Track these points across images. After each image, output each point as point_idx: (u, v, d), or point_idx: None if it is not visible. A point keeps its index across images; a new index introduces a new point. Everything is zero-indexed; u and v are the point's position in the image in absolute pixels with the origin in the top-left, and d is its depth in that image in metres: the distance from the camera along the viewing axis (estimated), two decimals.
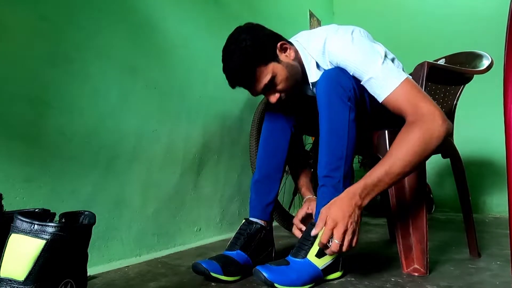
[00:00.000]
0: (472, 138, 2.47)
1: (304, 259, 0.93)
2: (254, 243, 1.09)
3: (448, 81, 1.32)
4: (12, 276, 0.52)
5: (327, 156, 0.98)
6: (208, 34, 1.69)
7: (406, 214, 1.06)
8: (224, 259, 1.01)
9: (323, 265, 0.93)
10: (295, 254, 0.95)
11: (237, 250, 1.05)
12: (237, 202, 1.84)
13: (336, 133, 0.97)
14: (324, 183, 0.98)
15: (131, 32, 1.31)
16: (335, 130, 0.97)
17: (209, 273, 0.94)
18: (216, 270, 0.95)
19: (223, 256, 1.03)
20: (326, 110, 0.99)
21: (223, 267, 0.97)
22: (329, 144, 0.98)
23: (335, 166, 0.96)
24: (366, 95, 1.02)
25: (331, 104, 0.98)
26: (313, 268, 0.92)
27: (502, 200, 2.44)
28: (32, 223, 0.54)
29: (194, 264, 0.97)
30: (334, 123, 0.97)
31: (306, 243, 0.95)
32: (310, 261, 0.92)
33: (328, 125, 0.98)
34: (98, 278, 1.02)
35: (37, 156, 1.01)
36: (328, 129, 0.98)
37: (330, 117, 0.98)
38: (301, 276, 0.89)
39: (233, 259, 1.02)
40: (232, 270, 0.98)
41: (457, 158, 1.28)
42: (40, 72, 1.03)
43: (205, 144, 1.64)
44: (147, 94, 1.36)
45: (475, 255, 1.22)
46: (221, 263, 0.98)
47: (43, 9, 1.04)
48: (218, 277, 0.95)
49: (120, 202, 1.23)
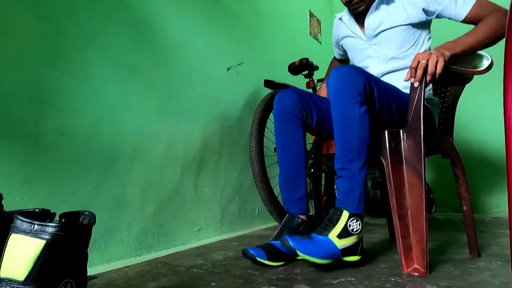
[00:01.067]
0: (472, 138, 2.47)
1: (326, 237, 1.04)
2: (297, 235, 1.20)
3: (449, 81, 1.33)
4: (12, 276, 0.52)
5: (341, 149, 1.08)
6: (208, 34, 1.69)
7: (406, 214, 1.06)
8: (269, 247, 1.14)
9: (342, 245, 1.03)
10: (319, 232, 1.06)
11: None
12: (237, 202, 1.84)
13: (347, 126, 1.06)
14: (340, 175, 1.08)
15: (131, 32, 1.31)
16: (346, 124, 1.06)
17: (255, 258, 1.10)
18: (262, 256, 1.10)
19: (268, 244, 1.16)
20: (337, 105, 1.08)
21: (267, 253, 1.11)
22: (342, 138, 1.07)
23: (349, 158, 1.06)
24: (375, 93, 1.11)
25: (341, 99, 1.07)
26: (332, 246, 1.03)
27: (502, 200, 2.44)
28: (32, 223, 0.54)
29: (244, 250, 1.14)
30: (345, 117, 1.06)
31: (329, 224, 1.06)
32: (330, 240, 1.03)
33: (339, 119, 1.08)
34: (98, 278, 1.02)
35: (37, 156, 1.01)
36: (340, 124, 1.08)
37: (341, 112, 1.07)
38: (320, 250, 1.00)
39: (277, 247, 1.14)
40: (275, 257, 1.12)
41: (458, 158, 1.28)
42: (40, 72, 1.03)
43: (205, 144, 1.64)
44: (147, 94, 1.36)
45: (475, 255, 1.23)
46: (266, 250, 1.12)
47: (43, 9, 1.04)
48: (263, 262, 1.10)
49: (120, 202, 1.23)
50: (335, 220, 1.05)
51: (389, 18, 1.28)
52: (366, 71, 1.14)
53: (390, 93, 1.18)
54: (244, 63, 1.91)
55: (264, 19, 2.19)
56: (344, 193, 1.07)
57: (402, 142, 1.11)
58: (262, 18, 2.17)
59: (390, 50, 1.30)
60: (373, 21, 1.30)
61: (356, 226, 1.06)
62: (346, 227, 1.04)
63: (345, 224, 1.04)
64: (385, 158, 1.11)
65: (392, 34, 1.28)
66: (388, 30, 1.28)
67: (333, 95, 1.09)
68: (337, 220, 1.05)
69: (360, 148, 1.05)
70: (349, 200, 1.06)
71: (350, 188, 1.06)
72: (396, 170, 1.09)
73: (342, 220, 1.04)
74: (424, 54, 1.08)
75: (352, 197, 1.06)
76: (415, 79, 1.08)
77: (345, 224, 1.04)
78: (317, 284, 0.94)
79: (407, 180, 1.07)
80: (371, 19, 1.31)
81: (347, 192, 1.07)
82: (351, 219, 1.05)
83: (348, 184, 1.06)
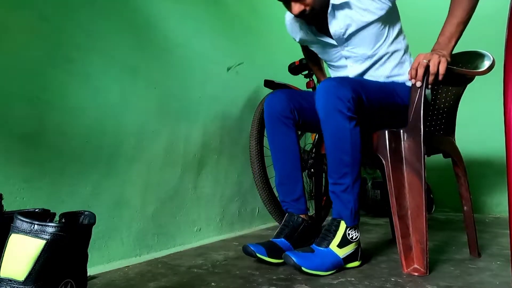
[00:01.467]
0: (472, 138, 2.47)
1: (327, 248, 1.06)
2: (297, 234, 1.22)
3: (450, 81, 1.32)
4: (12, 276, 0.52)
5: (333, 165, 1.09)
6: (208, 34, 1.69)
7: (406, 214, 1.06)
8: (269, 244, 1.15)
9: (343, 254, 1.06)
10: (319, 244, 1.08)
11: (282, 238, 1.19)
12: (237, 202, 1.84)
13: (338, 144, 1.07)
14: (333, 190, 1.11)
15: (131, 32, 1.31)
16: (337, 140, 1.07)
17: (255, 254, 1.11)
18: (262, 253, 1.11)
19: (269, 242, 1.17)
20: (326, 124, 1.08)
21: (268, 250, 1.12)
22: (334, 155, 1.09)
23: (342, 174, 1.08)
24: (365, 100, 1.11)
25: (330, 117, 1.07)
26: (335, 257, 1.04)
27: (502, 200, 2.44)
28: (32, 223, 0.54)
29: (244, 246, 1.14)
30: (335, 135, 1.07)
31: (329, 235, 1.08)
32: (332, 251, 1.05)
33: (330, 138, 1.09)
34: (98, 278, 1.02)
35: (37, 156, 1.01)
36: (331, 142, 1.09)
37: (331, 130, 1.08)
38: (325, 263, 1.02)
39: (277, 245, 1.16)
40: (275, 254, 1.12)
41: (459, 158, 1.28)
42: (40, 72, 1.03)
43: (205, 144, 1.64)
44: (147, 94, 1.36)
45: (475, 255, 1.23)
46: (266, 247, 1.13)
47: (43, 9, 1.04)
48: (263, 258, 1.11)
49: (120, 202, 1.23)
50: (334, 230, 1.08)
51: (354, 19, 1.20)
52: (351, 79, 1.13)
53: (378, 92, 1.17)
54: (244, 63, 1.91)
55: (264, 19, 2.18)
56: (340, 207, 1.09)
57: (402, 142, 1.11)
58: (262, 18, 2.17)
59: (365, 50, 1.25)
60: (338, 26, 1.22)
61: (355, 234, 1.09)
62: (345, 236, 1.07)
63: (343, 233, 1.07)
64: (385, 158, 1.11)
65: (363, 34, 1.22)
66: (357, 32, 1.22)
67: (322, 112, 1.08)
68: (335, 231, 1.08)
69: (352, 163, 1.07)
70: (345, 214, 1.08)
71: (345, 201, 1.08)
72: (396, 170, 1.09)
73: (340, 230, 1.08)
74: (425, 54, 1.07)
75: (348, 212, 1.08)
76: (416, 79, 1.07)
77: (344, 233, 1.07)
78: (317, 284, 0.94)
79: (407, 180, 1.07)
80: (334, 26, 1.23)
81: (342, 206, 1.09)
82: (349, 229, 1.08)
83: (343, 199, 1.09)
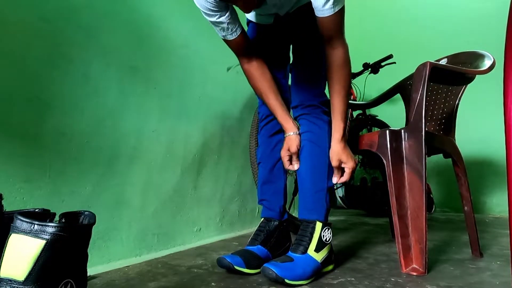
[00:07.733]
0: (472, 138, 2.47)
1: (305, 254, 1.01)
2: (273, 239, 1.17)
3: (450, 81, 1.32)
4: (12, 276, 0.52)
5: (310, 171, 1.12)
6: (208, 34, 1.69)
7: (405, 214, 1.06)
8: (246, 253, 1.08)
9: (321, 258, 1.02)
10: (295, 250, 1.03)
11: (258, 245, 1.13)
12: (237, 202, 1.84)
13: (317, 169, 1.10)
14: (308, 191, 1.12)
15: (131, 32, 1.31)
16: (316, 166, 1.11)
17: (233, 267, 1.03)
18: (239, 264, 1.04)
19: (245, 250, 1.10)
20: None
21: (245, 261, 1.05)
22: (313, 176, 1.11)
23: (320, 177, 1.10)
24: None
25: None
26: (314, 262, 1.01)
27: (502, 200, 2.44)
28: (32, 223, 0.53)
29: (219, 258, 1.05)
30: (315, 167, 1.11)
31: (304, 239, 1.04)
32: (310, 256, 1.01)
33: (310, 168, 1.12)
34: (98, 278, 1.02)
35: (37, 156, 1.01)
36: (310, 166, 1.12)
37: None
38: (306, 271, 0.97)
39: (254, 253, 1.10)
40: (254, 264, 1.06)
41: (459, 158, 1.28)
42: (40, 72, 1.03)
43: (205, 144, 1.64)
44: (147, 94, 1.36)
45: (477, 255, 1.22)
46: (243, 257, 1.06)
47: (43, 9, 1.04)
48: (242, 270, 1.03)
49: (120, 202, 1.23)
50: (310, 233, 1.05)
51: None
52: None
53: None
54: None
55: None
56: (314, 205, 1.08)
57: (403, 142, 1.11)
58: None
59: None
60: None
61: (328, 235, 1.07)
62: (321, 239, 1.04)
63: (319, 235, 1.04)
64: (386, 158, 1.11)
65: None
66: None
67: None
68: (311, 234, 1.04)
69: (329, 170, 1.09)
70: (319, 209, 1.07)
71: (319, 199, 1.08)
72: (397, 170, 1.09)
73: (316, 231, 1.04)
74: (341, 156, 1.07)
75: (322, 208, 1.08)
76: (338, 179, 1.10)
77: (320, 235, 1.05)
78: (317, 284, 0.94)
79: (407, 180, 1.07)
80: None
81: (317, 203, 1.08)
82: (323, 229, 1.06)
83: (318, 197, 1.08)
